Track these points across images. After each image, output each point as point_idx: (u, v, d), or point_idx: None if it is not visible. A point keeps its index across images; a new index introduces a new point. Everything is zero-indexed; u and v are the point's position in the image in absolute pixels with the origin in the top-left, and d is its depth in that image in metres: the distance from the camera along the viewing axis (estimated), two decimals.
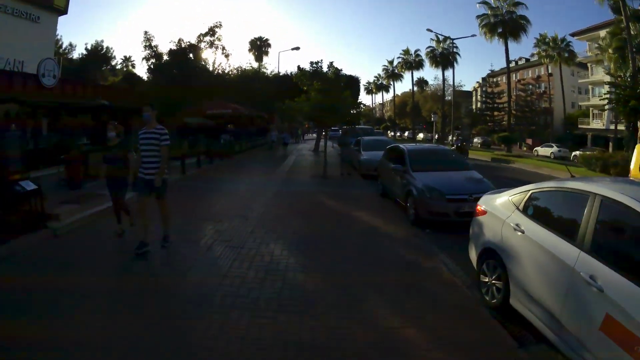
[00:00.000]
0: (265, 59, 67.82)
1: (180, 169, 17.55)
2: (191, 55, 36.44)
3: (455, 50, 62.95)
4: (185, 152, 19.62)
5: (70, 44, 53.31)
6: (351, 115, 19.59)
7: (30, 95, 18.92)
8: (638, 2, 29.76)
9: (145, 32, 36.34)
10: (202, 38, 37.15)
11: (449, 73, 68.90)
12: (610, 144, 51.42)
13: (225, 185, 15.79)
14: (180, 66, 34.67)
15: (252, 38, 70.37)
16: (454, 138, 48.80)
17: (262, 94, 39.67)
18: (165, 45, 39.88)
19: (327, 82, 18.26)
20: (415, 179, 11.04)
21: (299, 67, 20.31)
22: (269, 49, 69.72)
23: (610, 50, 35.78)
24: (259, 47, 69.32)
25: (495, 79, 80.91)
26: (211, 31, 37.39)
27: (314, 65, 19.89)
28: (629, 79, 25.11)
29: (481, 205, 6.69)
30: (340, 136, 22.18)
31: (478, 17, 49.17)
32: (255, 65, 54.22)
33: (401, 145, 13.98)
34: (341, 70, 19.64)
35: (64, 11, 28.13)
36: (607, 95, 25.48)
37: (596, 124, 59.02)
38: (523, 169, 28.43)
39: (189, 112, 28.95)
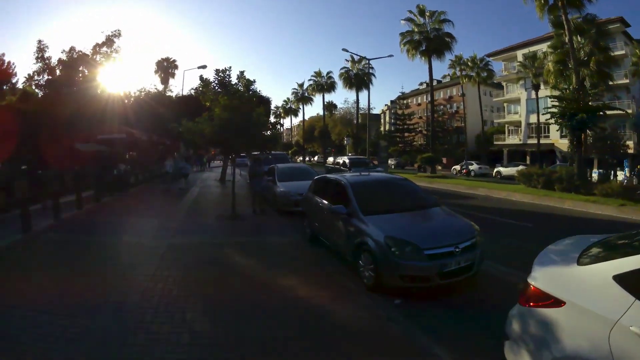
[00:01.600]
0: (171, 81, 63.60)
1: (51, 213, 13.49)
2: (83, 68, 31.47)
3: (370, 71, 60.88)
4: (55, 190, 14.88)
5: None
6: (265, 138, 15.70)
7: None
8: (578, 14, 29.38)
9: (39, 42, 31.44)
10: (98, 49, 32.34)
11: (362, 95, 67.68)
12: (528, 157, 54.59)
13: (102, 239, 11.38)
14: (72, 81, 30.04)
15: (159, 59, 64.47)
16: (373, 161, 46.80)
17: (165, 118, 34.70)
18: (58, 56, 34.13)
19: (236, 97, 14.21)
20: (370, 227, 7.68)
21: (201, 77, 15.30)
22: (176, 70, 64.69)
23: (550, 65, 35.50)
24: (166, 68, 63.94)
25: (405, 101, 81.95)
26: (108, 41, 32.63)
27: (220, 74, 15.20)
28: (573, 92, 24.51)
29: (548, 288, 3.70)
30: (251, 165, 17.95)
31: (401, 34, 46.88)
32: (161, 87, 50.43)
33: (336, 177, 10.64)
34: (254, 81, 15.25)
35: None
36: (552, 109, 24.20)
37: (512, 140, 61.07)
38: (464, 193, 26.42)
39: (80, 137, 25.07)
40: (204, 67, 38.52)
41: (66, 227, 12.92)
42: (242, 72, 15.03)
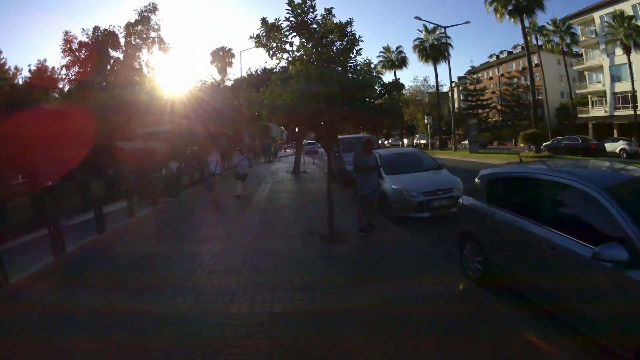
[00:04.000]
0: (229, 70, 60.31)
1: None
2: (114, 51, 27.78)
3: (447, 40, 54.37)
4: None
5: (16, 68, 44.17)
6: (380, 108, 9.44)
7: None
8: None
9: (66, 33, 29.13)
10: (131, 29, 28.56)
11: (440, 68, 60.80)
12: (615, 131, 46.68)
13: (123, 291, 6.98)
14: (101, 68, 26.81)
15: (214, 49, 61.49)
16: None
17: (222, 109, 30.40)
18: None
19: (327, 42, 8.68)
20: None
21: (264, 20, 9.10)
22: (233, 59, 61.22)
23: None
24: (222, 57, 60.79)
25: (475, 75, 75.31)
26: (142, 18, 28.85)
27: (297, 9, 8.78)
28: None
29: None
30: (357, 154, 10.42)
31: None
32: (219, 77, 47.86)
33: (563, 176, 5.04)
34: (351, 22, 9.09)
35: None
36: None
37: (597, 112, 53.49)
38: None
39: (121, 133, 21.74)
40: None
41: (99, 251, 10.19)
42: (329, 10, 9.16)
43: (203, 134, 27.17)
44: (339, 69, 8.76)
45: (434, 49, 58.16)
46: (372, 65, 9.24)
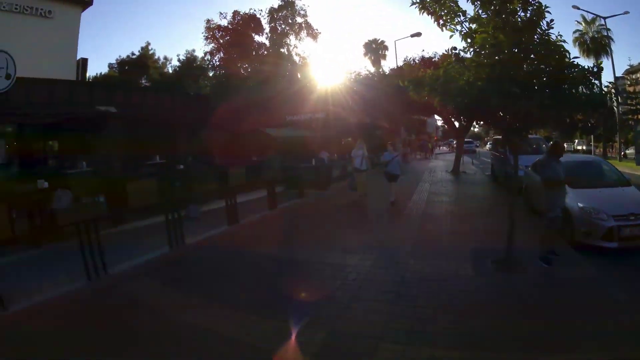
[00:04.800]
0: (383, 62, 58.04)
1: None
2: (257, 36, 27.79)
3: (608, 33, 47.37)
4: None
5: (166, 58, 47.90)
6: (585, 99, 7.23)
7: None
8: None
9: (208, 21, 30.01)
10: (275, 14, 28.32)
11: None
12: None
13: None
14: (245, 52, 27.36)
15: (366, 41, 59.71)
16: None
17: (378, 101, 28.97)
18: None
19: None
20: None
21: None
22: (386, 52, 58.98)
23: None
24: (375, 50, 58.92)
25: (635, 76, 65.44)
26: (286, 3, 28.38)
27: None
28: None
29: None
30: (544, 160, 7.86)
31: None
32: (373, 70, 45.90)
33: None
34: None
35: (87, 1, 23.91)
36: None
37: None
38: None
39: (269, 120, 21.30)
40: (417, 34, 30.54)
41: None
42: None
43: (357, 125, 25.70)
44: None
45: (595, 43, 50.47)
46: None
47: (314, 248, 8.78)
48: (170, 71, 45.86)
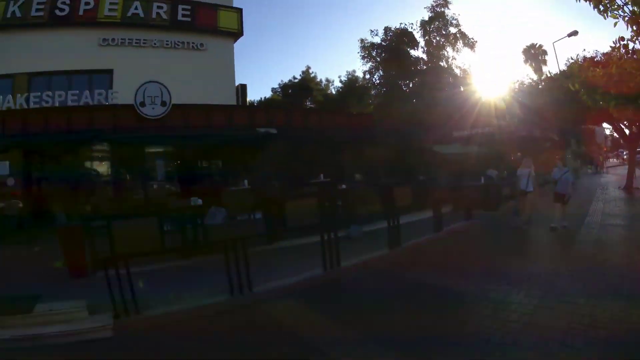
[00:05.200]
0: (544, 68, 54.00)
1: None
2: (411, 51, 27.42)
3: None
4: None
5: (327, 80, 48.99)
6: None
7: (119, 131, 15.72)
8: None
9: (362, 40, 29.68)
10: (427, 27, 26.87)
11: None
12: None
13: None
14: (404, 67, 26.48)
15: (524, 47, 55.70)
16: None
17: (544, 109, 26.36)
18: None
19: None
20: None
21: None
22: (546, 56, 54.54)
23: None
24: (533, 55, 54.97)
25: None
26: (436, 15, 26.85)
27: None
28: None
29: None
30: None
31: None
32: (535, 77, 42.84)
33: None
34: None
35: (237, 33, 24.79)
36: None
37: None
38: None
39: (435, 136, 20.77)
40: (574, 33, 27.38)
41: None
42: None
43: (525, 139, 23.52)
44: None
45: None
46: None
47: (477, 278, 7.68)
48: (334, 92, 46.46)
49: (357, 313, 6.25)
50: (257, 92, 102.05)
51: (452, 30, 29.55)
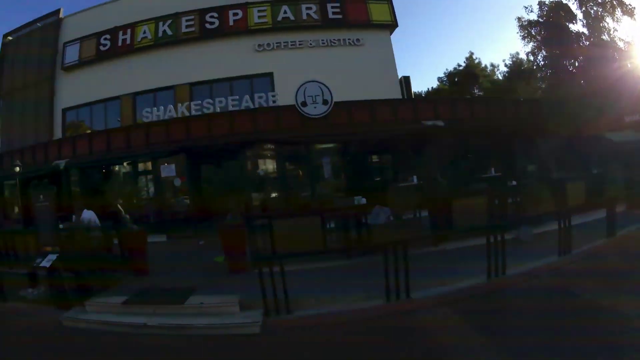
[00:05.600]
0: None
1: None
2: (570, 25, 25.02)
3: None
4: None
5: (492, 65, 46.89)
6: None
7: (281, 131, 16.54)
8: None
9: (519, 19, 26.78)
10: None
11: None
12: None
13: None
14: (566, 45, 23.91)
15: None
16: None
17: None
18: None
19: None
20: None
21: None
22: None
23: None
24: None
25: None
26: None
27: None
28: None
29: None
30: None
31: None
32: None
33: None
34: None
35: (392, 24, 24.32)
36: None
37: None
38: None
39: (603, 122, 18.02)
40: None
41: None
42: None
43: None
44: None
45: None
46: None
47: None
48: (500, 78, 44.63)
49: (514, 328, 5.77)
50: (424, 82, 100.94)
51: None
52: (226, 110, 20.34)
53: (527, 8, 27.71)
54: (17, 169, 17.58)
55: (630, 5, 26.26)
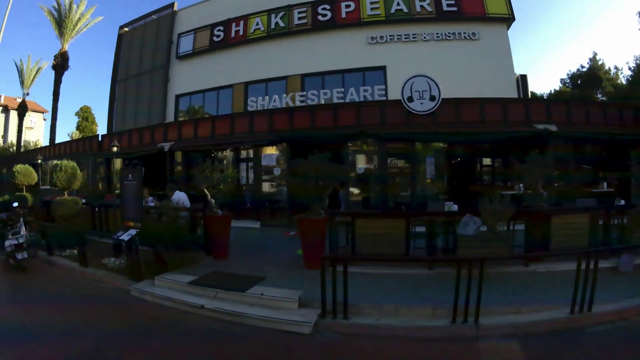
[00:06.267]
0: None
1: None
2: None
3: None
4: None
5: (616, 67, 42.95)
6: None
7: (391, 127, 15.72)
8: None
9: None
10: None
11: None
12: None
13: None
14: None
15: None
16: None
17: None
18: None
19: None
20: None
21: None
22: None
23: None
24: None
25: None
26: None
27: None
28: None
29: None
30: None
31: None
32: None
33: None
34: None
35: (509, 17, 22.70)
36: None
37: None
38: None
39: None
40: None
41: None
42: None
43: None
44: None
45: None
46: None
47: None
48: (624, 82, 40.89)
49: None
50: (544, 83, 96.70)
51: None
52: (330, 102, 20.17)
53: None
54: (115, 149, 18.87)
55: None
